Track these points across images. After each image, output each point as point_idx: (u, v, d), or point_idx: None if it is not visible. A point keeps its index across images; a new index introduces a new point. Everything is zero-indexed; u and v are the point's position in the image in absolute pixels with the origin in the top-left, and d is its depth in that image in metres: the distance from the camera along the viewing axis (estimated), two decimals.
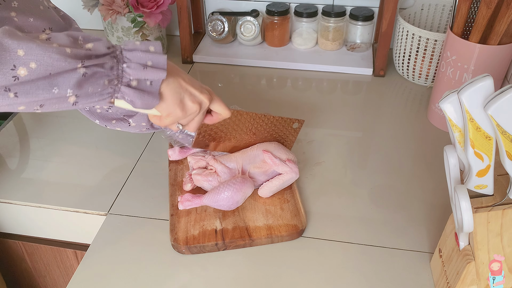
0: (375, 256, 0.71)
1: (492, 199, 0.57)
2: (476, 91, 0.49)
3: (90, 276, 0.69)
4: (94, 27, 1.34)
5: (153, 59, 0.56)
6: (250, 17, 1.18)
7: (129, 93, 0.55)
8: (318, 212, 0.77)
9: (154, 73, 0.56)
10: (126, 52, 0.55)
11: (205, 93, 0.63)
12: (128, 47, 0.56)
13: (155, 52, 0.56)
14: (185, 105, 0.61)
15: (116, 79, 0.54)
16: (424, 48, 1.03)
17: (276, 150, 0.78)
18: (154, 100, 0.57)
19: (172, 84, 0.59)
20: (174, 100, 0.60)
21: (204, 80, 1.14)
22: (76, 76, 0.51)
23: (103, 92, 0.54)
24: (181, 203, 0.74)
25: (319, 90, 1.10)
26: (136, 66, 0.55)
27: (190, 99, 0.61)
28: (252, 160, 0.77)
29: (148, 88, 0.57)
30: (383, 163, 0.88)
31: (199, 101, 0.63)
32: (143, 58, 0.55)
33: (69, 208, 0.80)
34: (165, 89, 0.59)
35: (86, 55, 0.52)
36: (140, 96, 0.56)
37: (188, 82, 0.61)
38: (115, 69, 0.54)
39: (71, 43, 0.52)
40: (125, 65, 0.55)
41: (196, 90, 0.62)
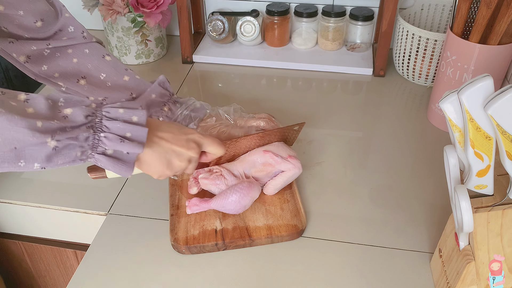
0: (375, 256, 0.71)
1: (492, 199, 0.57)
2: (476, 91, 0.49)
3: (90, 276, 0.69)
4: (94, 27, 1.34)
5: (133, 131, 0.54)
6: (250, 17, 1.18)
7: (103, 160, 0.54)
8: (318, 212, 0.77)
9: (131, 146, 0.54)
10: (106, 121, 0.53)
11: (192, 148, 0.62)
12: (109, 115, 0.54)
13: (137, 123, 0.55)
14: (173, 165, 0.61)
15: (90, 149, 0.53)
16: (424, 48, 1.03)
17: (277, 149, 0.78)
18: (128, 169, 0.56)
19: (156, 149, 0.58)
20: (160, 164, 0.59)
21: (204, 80, 1.14)
22: (45, 151, 0.49)
23: (75, 161, 0.53)
24: (188, 208, 0.73)
25: (319, 90, 1.10)
26: (114, 137, 0.53)
27: (177, 159, 0.61)
28: (252, 165, 0.77)
29: (124, 157, 0.55)
30: (383, 163, 0.88)
31: (187, 158, 0.62)
32: (123, 129, 0.54)
33: (69, 208, 0.80)
34: (150, 156, 0.58)
35: (60, 128, 0.50)
36: (114, 164, 0.55)
37: (172, 141, 0.60)
38: (90, 140, 0.53)
39: (48, 108, 0.50)
40: (102, 135, 0.53)
41: (182, 148, 0.61)
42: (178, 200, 0.77)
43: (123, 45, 1.16)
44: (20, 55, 0.70)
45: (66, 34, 0.73)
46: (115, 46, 1.17)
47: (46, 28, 0.70)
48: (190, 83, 1.13)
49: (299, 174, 0.78)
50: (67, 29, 0.72)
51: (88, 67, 0.74)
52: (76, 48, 0.73)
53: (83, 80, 0.74)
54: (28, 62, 0.71)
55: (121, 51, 1.17)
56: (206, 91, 1.10)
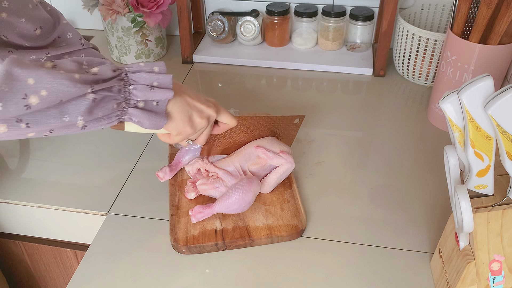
0: (375, 256, 0.71)
1: (492, 199, 0.57)
2: (476, 91, 0.49)
3: (90, 276, 0.69)
4: (94, 27, 1.34)
5: (159, 79, 0.56)
6: (250, 17, 1.18)
7: (136, 114, 0.56)
8: (318, 212, 0.77)
9: (160, 93, 0.56)
10: (132, 74, 0.55)
11: (211, 107, 0.64)
12: (133, 69, 0.56)
13: (160, 72, 0.57)
14: (194, 122, 0.62)
15: (124, 102, 0.55)
16: (424, 48, 1.03)
17: (269, 144, 0.78)
18: (161, 120, 0.58)
19: (179, 102, 0.60)
20: (182, 118, 0.61)
21: (204, 80, 1.14)
22: (86, 103, 0.51)
23: (112, 115, 0.54)
24: (193, 216, 0.73)
25: (319, 90, 1.10)
26: (143, 87, 0.55)
27: (198, 115, 0.62)
28: (248, 158, 0.77)
29: (154, 108, 0.57)
30: (383, 163, 0.88)
31: (207, 115, 0.64)
32: (149, 79, 0.56)
33: (69, 208, 0.80)
34: (173, 108, 0.60)
35: (94, 80, 0.51)
36: (148, 116, 0.56)
37: (194, 98, 0.62)
38: (123, 92, 0.54)
39: (77, 68, 0.52)
40: (131, 87, 0.55)
41: (203, 105, 0.63)
42: (178, 200, 0.77)
43: (123, 45, 1.16)
44: None
45: (65, 40, 0.73)
46: (115, 46, 1.17)
47: (45, 36, 0.70)
48: (190, 83, 1.13)
49: (292, 169, 0.78)
50: (65, 35, 0.73)
51: None
52: (73, 54, 0.74)
53: None
54: None
55: (121, 51, 1.17)
56: (206, 91, 1.10)
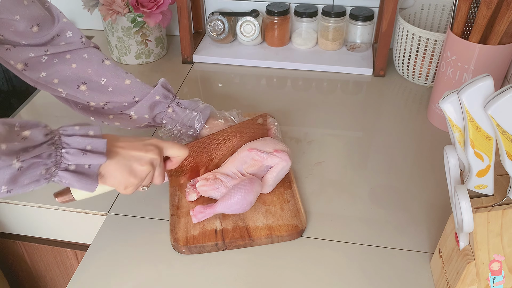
0: (375, 256, 0.71)
1: (492, 199, 0.57)
2: (476, 91, 0.49)
3: (90, 276, 0.69)
4: (94, 27, 1.34)
5: (92, 143, 0.55)
6: (250, 17, 1.18)
7: (67, 177, 0.54)
8: (318, 212, 0.77)
9: (93, 158, 0.55)
10: (65, 138, 0.54)
11: (151, 151, 0.62)
12: (67, 132, 0.55)
13: (94, 136, 0.55)
14: (136, 172, 0.60)
15: (53, 166, 0.53)
16: (424, 48, 1.03)
17: (262, 145, 0.78)
18: (93, 183, 0.56)
19: (115, 158, 0.59)
20: (122, 172, 0.59)
21: (204, 80, 1.14)
22: (10, 172, 0.49)
23: (40, 180, 0.53)
24: (194, 217, 0.72)
25: (319, 90, 1.10)
26: (75, 151, 0.54)
27: (138, 164, 0.60)
28: (243, 162, 0.77)
29: (86, 171, 0.56)
30: (383, 163, 0.88)
31: (148, 161, 0.61)
32: (82, 143, 0.55)
33: (69, 208, 0.80)
34: (109, 167, 0.58)
35: (23, 148, 0.50)
36: (78, 179, 0.55)
37: (129, 148, 0.60)
38: (53, 156, 0.53)
39: (7, 133, 0.50)
40: (64, 151, 0.54)
41: (141, 152, 0.61)
42: (178, 200, 0.77)
43: (123, 45, 1.16)
44: (17, 63, 0.69)
45: (64, 39, 0.72)
46: (115, 46, 1.17)
47: (42, 33, 0.69)
48: (190, 83, 1.13)
49: (289, 166, 0.78)
50: (65, 34, 0.72)
51: (88, 72, 0.73)
52: (75, 53, 0.73)
53: (83, 86, 0.74)
54: (26, 70, 0.70)
55: (121, 51, 1.17)
56: (206, 91, 1.10)
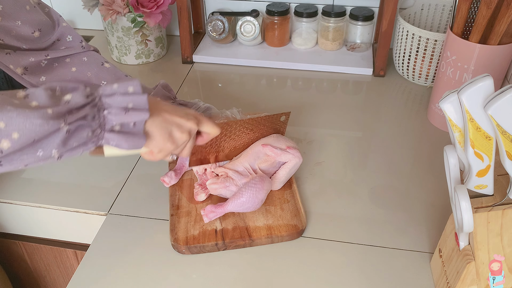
0: (375, 256, 0.71)
1: (492, 199, 0.57)
2: (476, 91, 0.49)
3: (90, 276, 0.69)
4: (94, 27, 1.34)
5: (134, 100, 0.54)
6: (250, 17, 1.18)
7: (113, 138, 0.54)
8: (318, 212, 0.77)
9: (136, 115, 0.54)
10: (106, 98, 0.53)
11: (191, 120, 0.62)
12: (106, 92, 0.54)
13: (134, 92, 0.54)
14: (174, 138, 0.60)
15: (99, 128, 0.53)
16: (424, 48, 1.03)
17: (275, 141, 0.79)
18: (140, 140, 0.56)
19: (157, 120, 0.58)
20: (162, 135, 0.59)
21: (204, 80, 1.14)
22: (60, 136, 0.49)
23: (87, 142, 0.53)
24: (205, 216, 0.72)
25: (319, 90, 1.10)
26: (118, 110, 0.53)
27: (178, 130, 0.60)
28: (256, 157, 0.78)
29: (132, 129, 0.55)
30: (383, 163, 0.88)
31: (188, 129, 0.62)
32: (123, 101, 0.54)
33: (69, 208, 0.80)
34: (151, 127, 0.58)
35: (68, 110, 0.50)
36: (126, 138, 0.55)
37: (172, 113, 0.60)
38: (97, 118, 0.52)
39: (50, 98, 0.50)
40: (106, 112, 0.53)
41: (182, 119, 0.61)
42: (178, 200, 0.77)
43: (123, 45, 1.16)
44: (17, 67, 0.69)
45: (65, 43, 0.72)
46: (115, 46, 1.17)
47: (44, 38, 0.70)
48: (190, 83, 1.13)
49: (300, 163, 0.79)
50: (65, 38, 0.72)
51: (88, 75, 0.73)
52: (74, 57, 0.73)
53: None
54: (26, 74, 0.70)
55: (121, 51, 1.17)
56: (206, 91, 1.10)
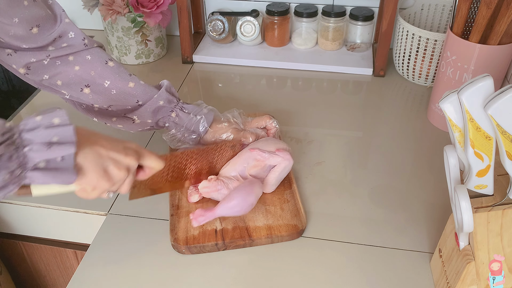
0: (375, 256, 0.71)
1: (492, 199, 0.57)
2: (476, 91, 0.49)
3: (90, 276, 0.69)
4: (94, 27, 1.34)
5: (59, 133, 0.49)
6: (250, 17, 1.18)
7: (38, 176, 0.49)
8: (318, 212, 0.77)
9: (61, 149, 0.49)
10: (26, 133, 0.48)
11: (130, 155, 0.58)
12: (28, 127, 0.49)
13: (60, 124, 0.50)
14: (110, 174, 0.56)
15: (19, 168, 0.48)
16: (424, 48, 1.03)
17: (264, 144, 0.78)
18: (70, 176, 0.51)
19: (90, 155, 0.54)
20: (96, 172, 0.54)
21: (204, 80, 1.14)
22: None
23: (7, 185, 0.47)
24: (194, 220, 0.71)
25: (319, 90, 1.10)
26: (39, 146, 0.48)
27: (115, 167, 0.56)
28: (245, 163, 0.77)
29: (60, 165, 0.50)
30: (383, 163, 0.88)
31: (125, 165, 0.57)
32: (47, 135, 0.49)
33: (69, 208, 0.80)
34: (84, 162, 0.53)
35: None
36: (53, 176, 0.50)
37: (109, 148, 0.55)
38: (15, 158, 0.47)
39: None
40: (27, 149, 0.48)
41: (120, 154, 0.56)
42: (178, 200, 0.77)
43: (123, 45, 1.16)
44: (19, 67, 0.68)
45: (66, 40, 0.70)
46: (115, 46, 1.17)
47: (43, 35, 0.67)
48: (190, 83, 1.13)
49: (291, 165, 0.77)
50: (67, 35, 0.70)
51: (91, 74, 0.72)
52: (78, 55, 0.71)
53: (87, 89, 0.72)
54: (29, 73, 0.69)
55: (121, 51, 1.17)
56: (206, 91, 1.10)
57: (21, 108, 1.04)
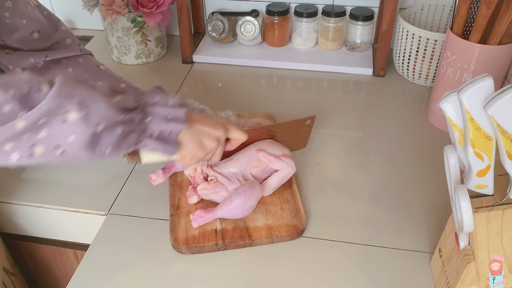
0: (375, 256, 0.71)
1: (492, 199, 0.57)
2: (476, 91, 0.49)
3: (90, 276, 0.69)
4: (94, 27, 1.34)
5: (173, 112, 0.60)
6: (250, 17, 1.18)
7: (151, 143, 0.59)
8: (318, 212, 0.77)
9: (174, 125, 0.61)
10: (149, 107, 0.59)
11: (220, 129, 0.67)
12: (150, 101, 0.60)
13: (174, 105, 0.61)
14: (205, 145, 0.66)
15: (142, 133, 0.58)
16: (424, 48, 1.03)
17: (270, 147, 0.78)
18: (174, 148, 0.62)
19: (189, 131, 0.63)
20: (194, 144, 0.64)
21: (204, 80, 1.14)
22: (116, 134, 0.54)
23: (130, 144, 0.57)
24: (194, 221, 0.72)
25: (319, 90, 1.10)
26: (159, 120, 0.59)
27: (208, 139, 0.66)
28: (249, 161, 0.77)
29: (167, 137, 0.61)
30: (383, 163, 0.88)
31: (217, 137, 0.67)
32: (164, 112, 0.60)
33: (69, 208, 0.80)
34: (184, 137, 0.63)
35: (122, 108, 0.55)
36: (161, 145, 0.60)
37: (203, 123, 0.65)
38: (142, 124, 0.58)
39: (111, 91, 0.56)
40: (148, 119, 0.58)
41: (212, 129, 0.66)
42: (178, 200, 0.77)
43: (123, 45, 1.16)
44: (16, 67, 0.69)
45: (64, 46, 0.73)
46: (115, 46, 1.17)
47: (42, 40, 0.70)
48: (190, 83, 1.13)
49: (293, 173, 0.78)
50: (64, 41, 0.73)
51: (84, 76, 0.74)
52: (71, 58, 0.74)
53: None
54: None
55: (121, 51, 1.17)
56: (206, 91, 1.10)
57: None
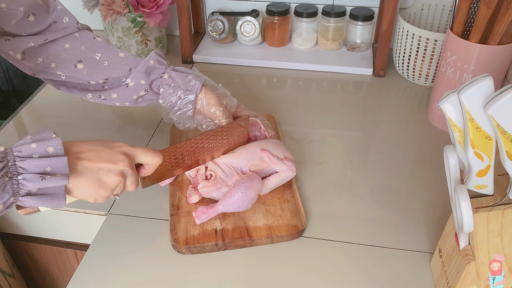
0: (375, 256, 0.71)
1: (492, 199, 0.57)
2: (476, 91, 0.49)
3: (90, 276, 0.69)
4: (94, 27, 1.33)
5: (52, 164, 0.50)
6: (250, 17, 1.18)
7: (30, 201, 0.51)
8: (318, 212, 0.77)
9: (54, 180, 0.50)
10: (21, 162, 0.49)
11: (120, 161, 0.57)
12: (23, 154, 0.50)
13: (55, 154, 0.50)
14: (105, 183, 0.56)
15: (12, 197, 0.49)
16: (424, 48, 1.03)
17: (274, 148, 0.78)
18: (60, 201, 0.53)
19: (81, 172, 0.54)
20: (91, 186, 0.55)
21: None
22: None
23: (6, 203, 0.49)
24: (197, 218, 0.72)
25: (319, 90, 1.10)
26: (33, 177, 0.49)
27: (107, 176, 0.56)
28: (251, 158, 0.77)
29: (50, 191, 0.52)
30: (383, 163, 0.88)
31: (118, 172, 0.57)
32: (41, 165, 0.50)
33: (69, 208, 0.80)
34: (75, 183, 0.54)
35: None
36: (44, 200, 0.51)
37: (96, 160, 0.56)
38: (9, 188, 0.49)
39: None
40: (20, 177, 0.49)
41: (109, 163, 0.56)
42: (178, 200, 0.77)
43: (123, 45, 1.16)
44: (17, 53, 0.70)
45: (61, 25, 0.73)
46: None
47: (39, 22, 0.70)
48: None
49: (293, 177, 0.78)
50: (61, 20, 0.72)
51: (81, 49, 0.74)
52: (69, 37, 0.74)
53: (80, 64, 0.74)
54: (24, 59, 0.71)
55: None
56: None
57: (21, 108, 1.04)
